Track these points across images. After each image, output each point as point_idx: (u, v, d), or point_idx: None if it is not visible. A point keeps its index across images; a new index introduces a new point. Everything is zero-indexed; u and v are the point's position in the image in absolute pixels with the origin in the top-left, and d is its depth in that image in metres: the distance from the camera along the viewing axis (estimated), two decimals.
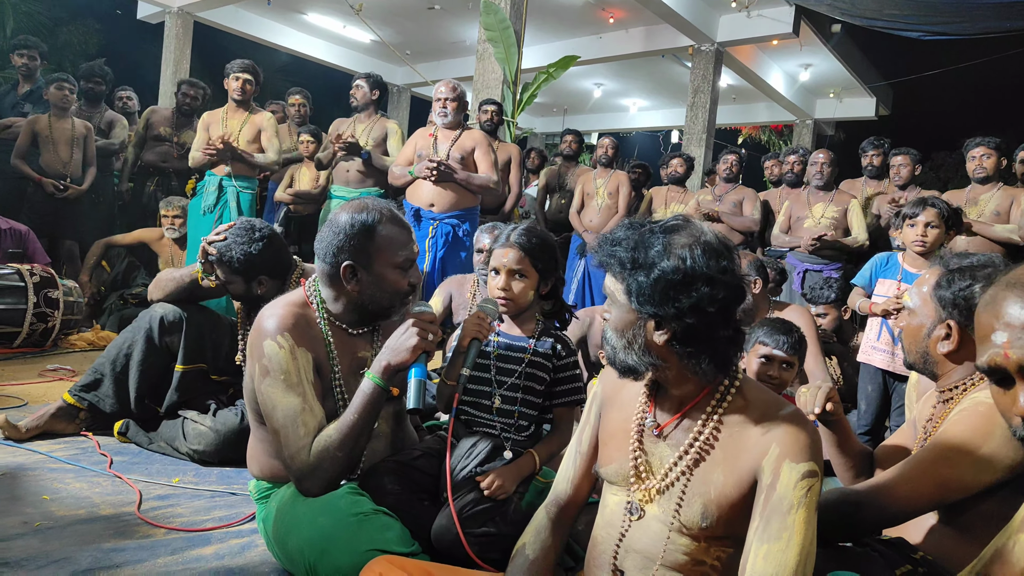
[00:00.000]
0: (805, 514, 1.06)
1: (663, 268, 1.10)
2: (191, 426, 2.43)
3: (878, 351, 3.20)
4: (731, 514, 1.14)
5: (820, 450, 1.13)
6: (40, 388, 3.08)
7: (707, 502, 1.15)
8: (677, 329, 1.12)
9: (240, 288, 2.42)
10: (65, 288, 3.85)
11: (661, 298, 1.10)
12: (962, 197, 4.15)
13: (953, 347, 1.46)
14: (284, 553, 1.60)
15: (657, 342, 1.14)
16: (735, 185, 5.30)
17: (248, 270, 2.38)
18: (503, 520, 1.70)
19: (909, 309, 1.57)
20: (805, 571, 1.04)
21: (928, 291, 1.52)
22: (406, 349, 1.62)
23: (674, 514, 1.18)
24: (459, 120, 4.14)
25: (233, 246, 2.36)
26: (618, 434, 1.31)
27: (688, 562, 1.18)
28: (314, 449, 1.59)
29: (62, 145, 4.91)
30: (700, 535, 1.17)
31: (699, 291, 1.08)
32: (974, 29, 5.79)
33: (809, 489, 1.07)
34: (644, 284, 1.11)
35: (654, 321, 1.13)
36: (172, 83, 8.20)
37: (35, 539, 1.71)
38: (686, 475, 1.18)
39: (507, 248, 1.93)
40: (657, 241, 1.12)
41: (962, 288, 1.44)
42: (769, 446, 1.12)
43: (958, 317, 1.45)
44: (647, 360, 1.16)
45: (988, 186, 4.09)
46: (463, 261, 4.04)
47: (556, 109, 13.58)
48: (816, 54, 9.18)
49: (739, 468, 1.14)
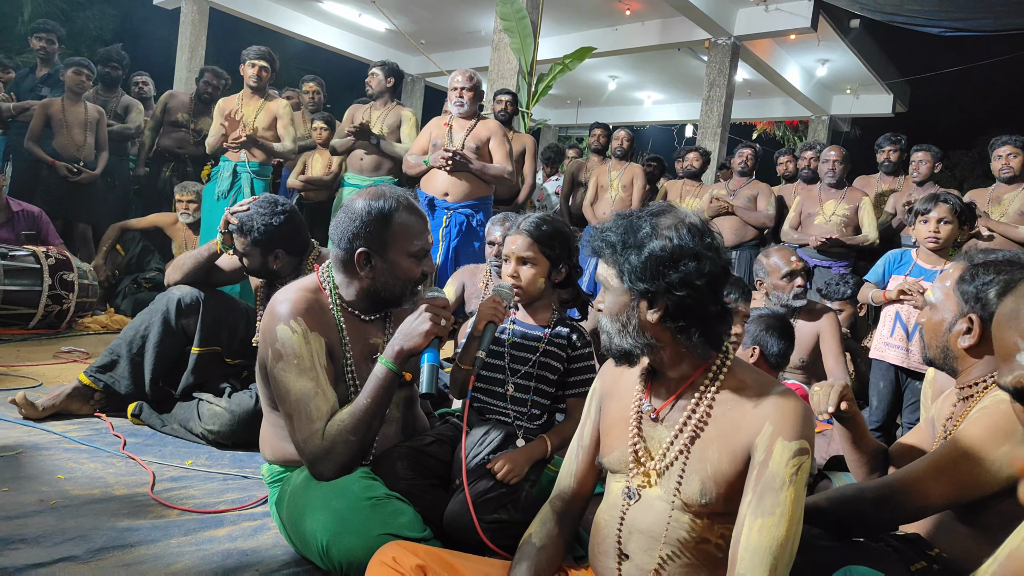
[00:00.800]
0: (796, 491, 1.11)
1: (652, 247, 1.17)
2: (206, 407, 2.45)
3: (891, 347, 3.18)
4: (728, 490, 1.18)
5: (812, 428, 1.17)
6: (55, 369, 3.11)
7: (704, 479, 1.20)
8: (669, 304, 1.18)
9: (257, 261, 2.45)
10: (80, 271, 3.88)
11: (652, 275, 1.16)
12: (985, 196, 4.09)
13: (974, 341, 1.45)
14: (297, 536, 1.61)
15: (650, 320, 1.20)
16: (749, 179, 5.25)
17: (267, 242, 2.41)
18: (515, 507, 1.71)
19: (931, 304, 1.55)
20: (794, 544, 1.10)
21: (951, 285, 1.50)
22: (419, 334, 1.62)
23: (675, 492, 1.22)
24: (475, 110, 4.13)
25: (255, 216, 2.40)
26: (618, 423, 1.34)
27: (692, 540, 1.21)
28: (327, 433, 1.60)
29: (76, 129, 4.93)
30: (702, 512, 1.20)
31: (687, 265, 1.16)
32: (996, 25, 5.71)
33: (800, 467, 1.12)
34: (635, 263, 1.18)
35: (646, 300, 1.19)
36: (187, 69, 8.23)
37: (51, 517, 1.73)
38: (684, 453, 1.22)
39: (516, 235, 1.93)
40: (645, 224, 1.20)
41: (985, 283, 1.43)
42: (762, 424, 1.16)
43: (980, 311, 1.44)
44: (642, 341, 1.22)
45: (1013, 185, 4.03)
46: (476, 251, 4.03)
47: (570, 101, 13.52)
48: (834, 49, 9.09)
49: (733, 445, 1.19)
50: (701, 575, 1.21)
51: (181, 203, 4.73)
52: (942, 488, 1.33)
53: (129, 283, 4.67)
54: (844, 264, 4.48)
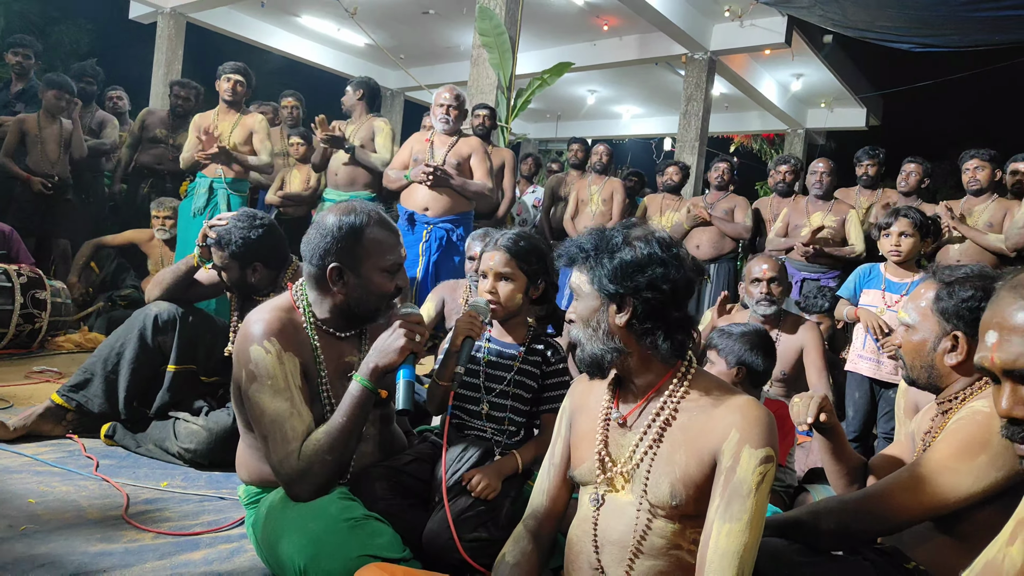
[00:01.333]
0: (761, 497, 1.16)
1: (623, 254, 1.26)
2: (183, 426, 2.41)
3: (864, 359, 3.24)
4: (697, 492, 1.23)
5: (776, 436, 1.22)
6: (27, 390, 3.05)
7: (673, 481, 1.24)
8: (636, 306, 1.26)
9: (235, 274, 2.46)
10: (53, 289, 3.81)
11: (622, 278, 1.25)
12: (956, 208, 4.19)
13: (962, 357, 1.45)
14: (274, 558, 1.59)
15: (619, 323, 1.27)
16: (726, 193, 5.31)
17: (245, 255, 2.43)
18: (494, 525, 1.70)
19: (907, 325, 1.56)
20: (756, 549, 1.15)
21: (927, 305, 1.51)
22: (394, 350, 1.61)
23: (642, 495, 1.26)
24: (458, 127, 4.15)
25: (233, 230, 2.42)
26: (587, 435, 1.38)
27: (664, 546, 1.24)
28: (303, 453, 1.58)
29: (51, 144, 4.87)
30: (673, 514, 1.24)
31: (654, 271, 1.25)
32: (965, 42, 5.85)
33: (764, 475, 1.17)
34: (607, 268, 1.26)
35: (615, 303, 1.27)
36: (163, 84, 8.15)
37: (20, 543, 1.69)
38: (649, 455, 1.27)
39: (494, 251, 1.93)
40: (617, 234, 1.30)
41: (965, 299, 1.44)
42: (729, 431, 1.21)
43: (963, 328, 1.45)
44: (610, 346, 1.28)
45: (982, 198, 4.13)
46: (456, 266, 4.03)
47: (549, 115, 13.59)
48: (808, 64, 9.25)
49: (700, 449, 1.23)
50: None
51: (157, 219, 4.69)
52: (920, 500, 1.35)
53: (104, 300, 4.60)
54: (833, 275, 4.52)
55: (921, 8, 5.41)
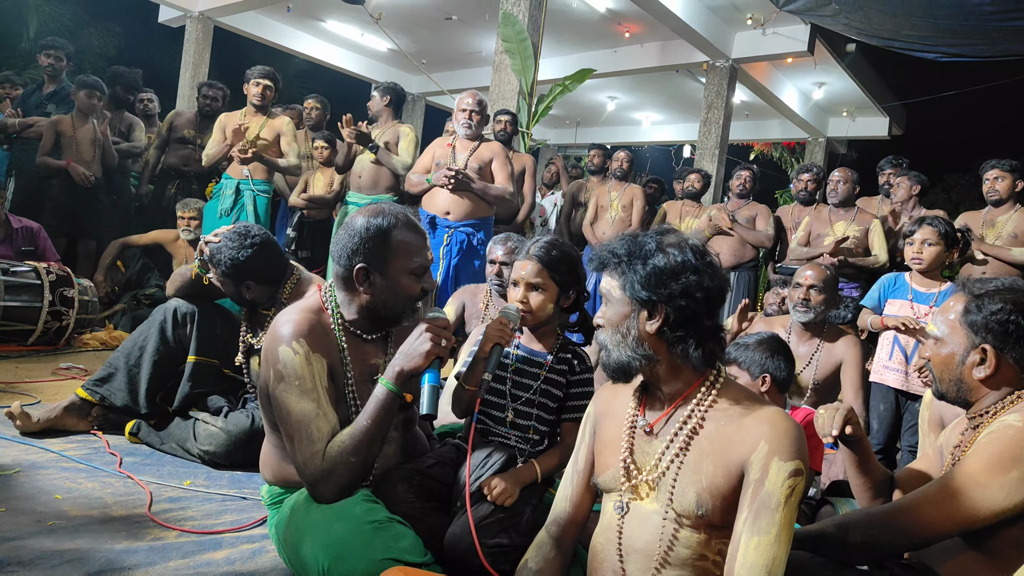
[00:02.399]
0: (789, 512, 1.15)
1: (657, 261, 1.25)
2: (202, 427, 2.44)
3: (890, 370, 3.19)
4: (724, 503, 1.21)
5: (806, 449, 1.21)
6: (53, 386, 3.10)
7: (700, 491, 1.23)
8: (669, 313, 1.24)
9: (231, 290, 2.48)
10: (80, 287, 3.88)
11: (655, 284, 1.24)
12: (979, 219, 4.13)
13: (990, 371, 1.44)
14: (296, 559, 1.60)
15: (649, 331, 1.26)
16: (747, 201, 5.27)
17: (235, 274, 2.42)
18: (515, 531, 1.69)
19: (936, 338, 1.54)
20: (784, 562, 1.13)
21: (956, 318, 1.49)
22: (420, 355, 1.62)
23: (668, 503, 1.24)
24: (480, 132, 4.18)
25: (223, 249, 2.41)
26: (612, 441, 1.37)
27: (690, 556, 1.23)
28: (327, 455, 1.59)
29: (85, 146, 4.95)
30: (699, 524, 1.23)
31: (688, 279, 1.24)
32: (992, 51, 5.77)
33: (794, 489, 1.15)
34: (640, 274, 1.25)
35: (646, 310, 1.26)
36: (191, 86, 8.29)
37: (48, 539, 1.72)
38: (675, 464, 1.26)
39: (526, 261, 1.92)
40: (651, 241, 1.29)
41: (994, 312, 1.43)
42: (758, 442, 1.19)
43: (992, 341, 1.43)
44: (640, 352, 1.27)
45: (1004, 208, 4.06)
46: (476, 270, 4.04)
47: (569, 121, 13.61)
48: (830, 73, 9.18)
49: (727, 460, 1.22)
50: None
51: (183, 220, 4.75)
52: (950, 514, 1.33)
53: (129, 299, 4.67)
54: (855, 286, 4.47)
55: (949, 17, 5.34)
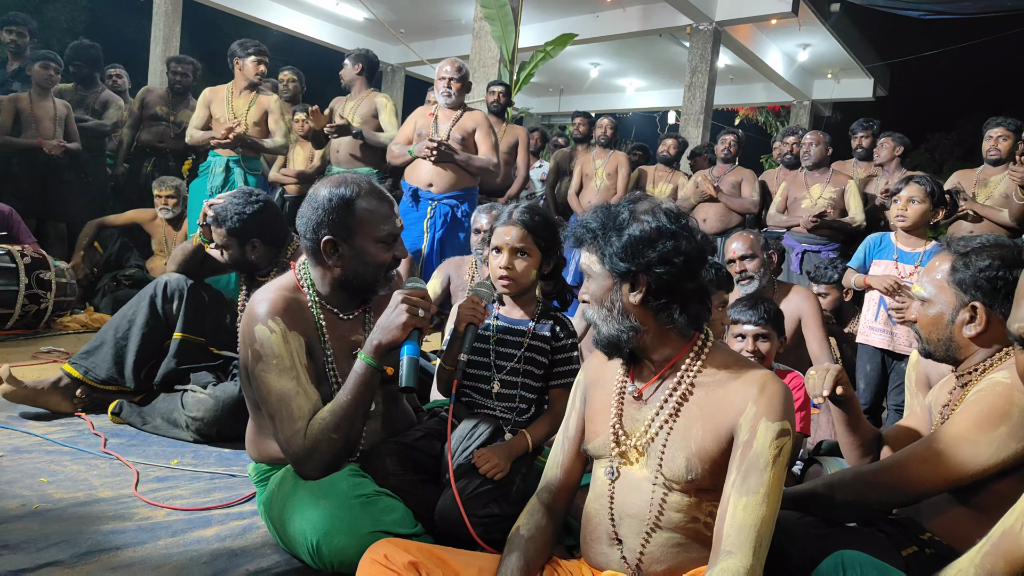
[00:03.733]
0: (778, 471, 1.16)
1: (631, 231, 1.23)
2: (190, 396, 2.44)
3: (876, 331, 3.21)
4: (713, 467, 1.22)
5: (792, 410, 1.22)
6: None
7: (689, 456, 1.23)
8: (650, 282, 1.23)
9: (236, 252, 2.52)
10: (57, 269, 3.80)
11: (632, 255, 1.22)
12: (972, 178, 4.12)
13: (981, 328, 1.43)
14: (286, 535, 1.59)
15: (633, 302, 1.25)
16: (733, 166, 5.26)
17: (243, 231, 2.48)
18: (505, 501, 1.70)
19: (923, 299, 1.53)
20: (773, 522, 1.15)
21: (943, 278, 1.48)
22: (396, 327, 1.59)
23: (657, 469, 1.25)
24: (461, 101, 4.09)
25: (229, 207, 2.48)
26: (602, 409, 1.37)
27: (682, 519, 1.24)
28: (310, 432, 1.58)
29: (45, 122, 4.80)
30: (689, 488, 1.24)
31: (664, 245, 1.22)
32: (975, 8, 5.75)
33: (781, 449, 1.17)
34: (616, 246, 1.23)
35: (628, 282, 1.25)
36: (161, 61, 8.06)
37: (34, 522, 1.70)
38: (664, 430, 1.26)
39: (509, 226, 1.89)
40: (623, 210, 1.27)
41: (982, 268, 1.41)
42: (746, 404, 1.20)
43: (982, 298, 1.42)
44: (627, 325, 1.26)
45: (999, 168, 4.05)
46: (461, 242, 4.01)
47: (552, 89, 13.47)
48: (815, 34, 9.12)
49: (716, 424, 1.23)
50: (691, 554, 1.24)
51: (160, 198, 4.65)
52: (939, 471, 1.34)
53: (109, 280, 4.59)
54: (834, 247, 4.50)
55: None
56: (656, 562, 1.23)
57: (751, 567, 1.08)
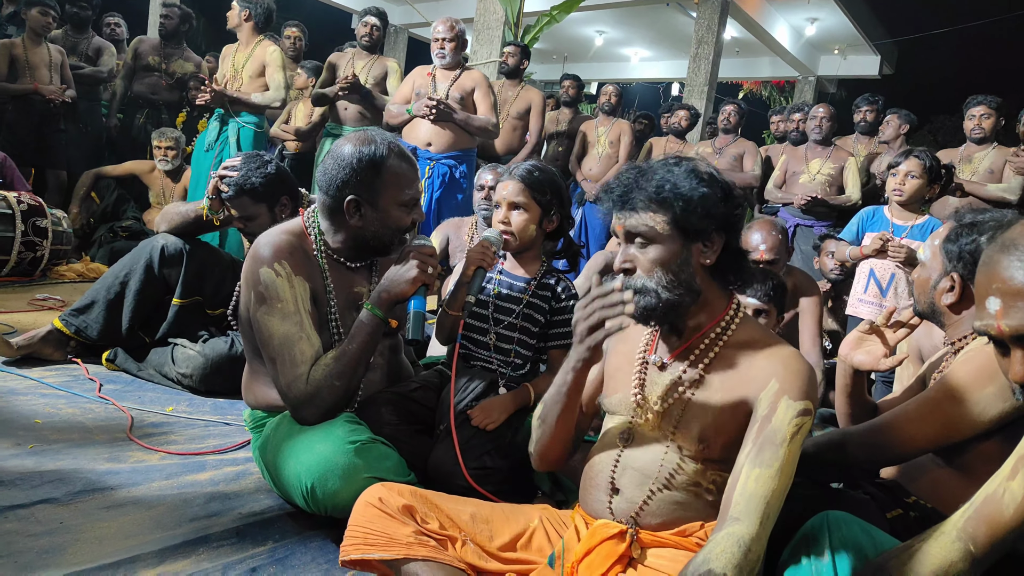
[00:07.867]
0: (794, 448, 1.14)
1: (702, 191, 1.20)
2: (180, 351, 2.43)
3: (865, 303, 3.24)
4: (726, 439, 1.22)
5: (816, 390, 1.20)
6: (29, 317, 3.04)
7: (704, 426, 1.23)
8: (724, 241, 1.23)
9: (266, 218, 2.33)
10: (54, 218, 3.77)
11: (707, 213, 1.20)
12: (956, 155, 4.15)
13: (955, 299, 1.48)
14: (279, 480, 1.60)
15: (705, 262, 1.24)
16: (735, 138, 5.22)
17: (272, 193, 2.34)
18: (498, 454, 1.72)
19: (921, 262, 1.59)
20: (783, 497, 1.13)
21: (938, 244, 1.53)
22: (406, 281, 1.60)
23: (672, 435, 1.25)
24: (458, 60, 4.02)
25: (250, 173, 2.31)
26: (624, 366, 1.36)
27: (685, 481, 1.25)
28: (311, 378, 1.58)
29: (41, 69, 4.72)
30: (698, 456, 1.24)
31: (729, 203, 1.23)
32: None
33: (800, 427, 1.15)
34: (690, 206, 1.20)
35: (701, 243, 1.23)
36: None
37: (29, 460, 1.71)
38: (683, 399, 1.25)
39: (508, 181, 1.91)
40: (681, 171, 1.22)
41: (967, 243, 1.45)
42: (768, 380, 1.19)
43: (962, 270, 1.46)
44: (693, 288, 1.23)
45: (983, 146, 4.09)
46: (459, 203, 3.98)
47: (556, 56, 13.29)
48: (823, 7, 9.00)
49: (736, 397, 1.22)
50: (687, 512, 1.25)
51: (159, 150, 4.60)
52: (928, 429, 1.35)
53: (105, 231, 4.56)
54: (827, 224, 4.49)
55: None
56: (653, 516, 1.24)
57: (756, 535, 1.07)
